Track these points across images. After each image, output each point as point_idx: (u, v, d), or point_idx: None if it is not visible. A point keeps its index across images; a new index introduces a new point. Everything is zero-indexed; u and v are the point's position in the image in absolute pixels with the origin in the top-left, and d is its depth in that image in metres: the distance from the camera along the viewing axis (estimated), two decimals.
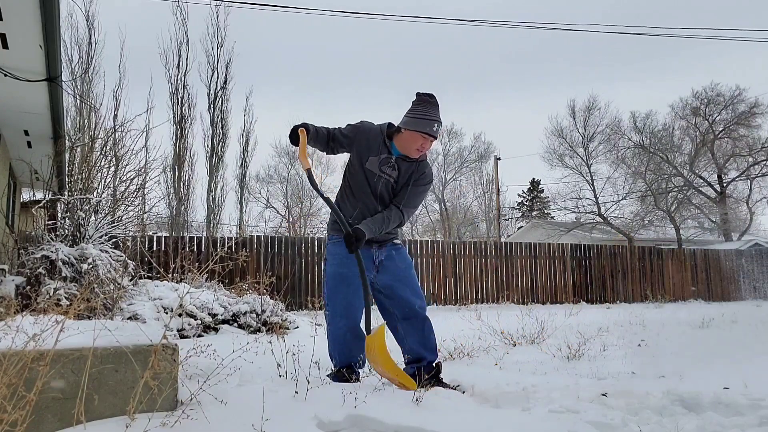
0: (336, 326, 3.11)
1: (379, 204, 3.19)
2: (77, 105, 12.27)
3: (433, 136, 3.12)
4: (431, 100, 3.14)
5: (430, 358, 3.20)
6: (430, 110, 3.10)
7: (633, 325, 7.38)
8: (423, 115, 3.08)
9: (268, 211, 31.24)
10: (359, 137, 3.20)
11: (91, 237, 5.34)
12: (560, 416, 2.49)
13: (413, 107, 3.14)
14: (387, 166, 3.17)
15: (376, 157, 3.16)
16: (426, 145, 3.13)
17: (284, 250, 11.50)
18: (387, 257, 3.24)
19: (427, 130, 3.08)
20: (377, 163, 3.16)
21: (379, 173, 3.17)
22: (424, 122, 3.07)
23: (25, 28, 4.74)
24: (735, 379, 3.24)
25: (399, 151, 3.17)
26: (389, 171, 3.17)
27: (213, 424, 2.02)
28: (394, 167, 3.17)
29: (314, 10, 21.35)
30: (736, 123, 25.91)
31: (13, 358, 1.81)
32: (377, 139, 3.18)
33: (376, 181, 3.17)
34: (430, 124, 3.08)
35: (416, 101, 3.15)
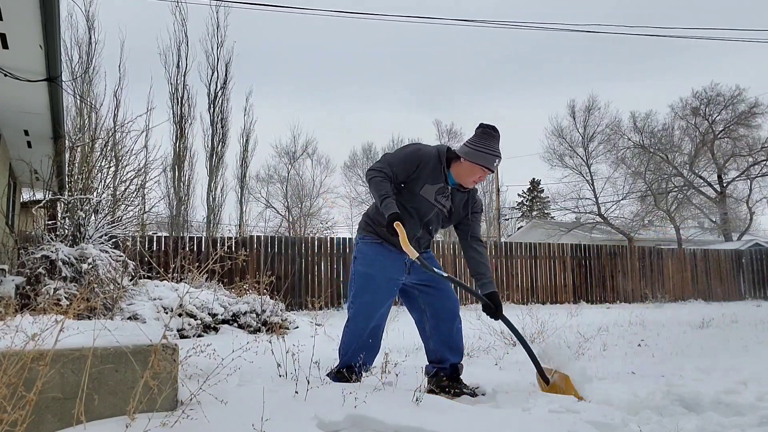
0: (355, 326, 3.10)
1: (422, 229, 3.14)
2: (77, 105, 12.28)
3: (492, 170, 3.10)
4: (494, 133, 3.09)
5: (453, 360, 3.18)
6: (492, 144, 3.06)
7: (633, 325, 7.37)
8: (486, 149, 3.03)
9: (268, 211, 31.23)
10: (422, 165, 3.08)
11: (91, 237, 5.34)
12: (560, 416, 2.49)
13: (476, 138, 3.08)
14: (442, 196, 3.12)
15: (433, 186, 3.09)
16: (483, 177, 3.11)
17: (284, 250, 11.50)
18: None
19: (488, 165, 3.04)
20: (433, 192, 3.10)
21: (434, 202, 3.12)
22: (487, 156, 3.02)
23: (25, 28, 4.74)
24: (735, 379, 3.24)
25: (454, 180, 3.12)
26: (443, 201, 3.13)
27: (213, 424, 2.02)
28: (448, 197, 3.14)
29: (314, 10, 21.36)
30: (736, 123, 25.90)
31: (13, 358, 1.81)
32: (436, 167, 3.09)
33: (428, 210, 3.12)
34: (492, 159, 3.04)
35: (480, 132, 3.09)
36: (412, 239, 3.07)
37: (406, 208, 3.09)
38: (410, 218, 3.10)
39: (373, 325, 3.10)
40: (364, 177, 3.53)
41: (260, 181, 31.40)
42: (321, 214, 31.89)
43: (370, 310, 3.08)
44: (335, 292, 11.69)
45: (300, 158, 31.84)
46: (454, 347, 3.18)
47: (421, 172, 3.07)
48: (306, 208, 30.82)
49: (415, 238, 3.12)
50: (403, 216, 2.98)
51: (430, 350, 3.24)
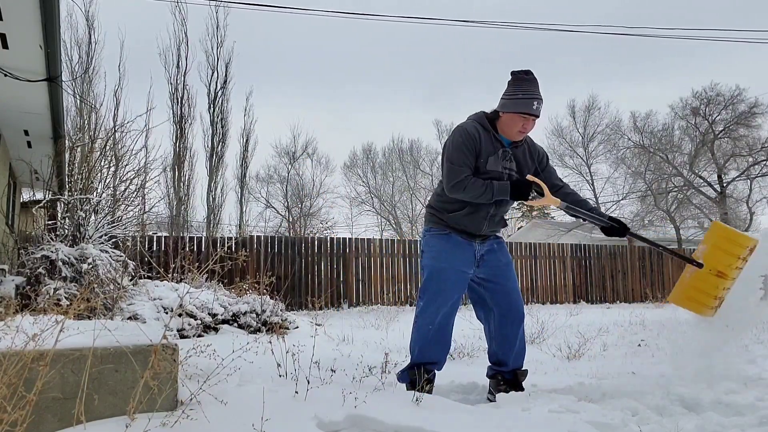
0: (423, 321, 2.97)
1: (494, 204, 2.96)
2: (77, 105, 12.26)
3: (535, 114, 2.86)
4: (527, 76, 2.87)
5: (515, 365, 3.06)
6: (528, 87, 2.84)
7: (633, 325, 7.37)
8: (521, 95, 2.83)
9: (268, 211, 31.24)
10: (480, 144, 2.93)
11: (91, 237, 5.34)
12: (560, 416, 2.49)
13: (509, 88, 2.90)
14: (505, 160, 2.97)
15: (494, 154, 2.93)
16: (528, 125, 2.88)
17: (284, 250, 11.50)
18: (488, 251, 3.06)
19: (527, 110, 2.83)
20: (498, 161, 2.94)
21: (501, 170, 2.95)
22: (523, 102, 2.82)
23: (25, 28, 4.74)
24: (735, 378, 3.24)
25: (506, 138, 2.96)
26: (509, 165, 2.98)
27: (213, 424, 2.02)
28: (510, 159, 2.98)
29: (314, 10, 21.34)
30: (736, 123, 25.89)
31: (13, 358, 1.81)
32: (490, 135, 2.94)
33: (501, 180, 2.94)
34: (530, 103, 2.82)
35: (512, 80, 2.90)
36: (485, 218, 2.97)
37: None
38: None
39: (441, 319, 2.95)
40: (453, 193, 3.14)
41: (260, 181, 31.44)
42: (321, 214, 31.90)
43: (438, 303, 2.94)
44: (335, 292, 11.69)
45: (300, 158, 31.86)
46: (517, 351, 3.05)
47: (483, 149, 2.92)
48: (306, 208, 30.83)
49: (488, 216, 2.98)
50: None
51: (492, 352, 3.12)
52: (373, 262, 12.16)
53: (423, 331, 2.97)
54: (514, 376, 3.04)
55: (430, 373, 2.95)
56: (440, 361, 3.03)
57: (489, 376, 3.14)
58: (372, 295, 11.94)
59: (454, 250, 2.98)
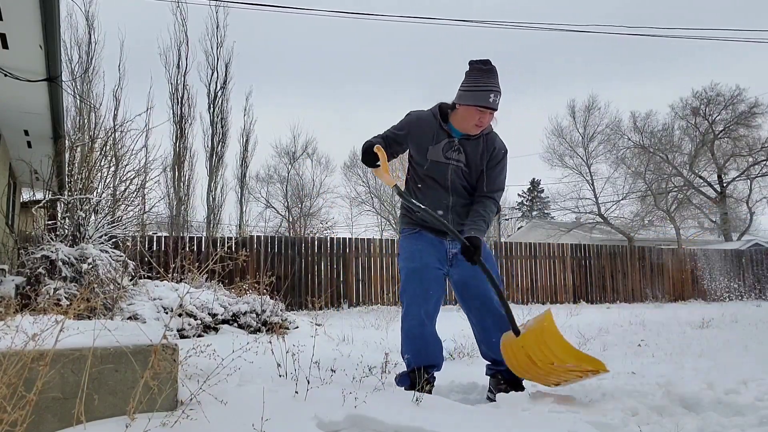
0: (407, 323, 2.92)
1: (452, 194, 2.92)
2: (77, 105, 12.28)
3: (491, 108, 2.74)
4: (485, 66, 2.76)
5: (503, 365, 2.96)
6: (485, 79, 2.73)
7: (633, 325, 7.38)
8: (477, 86, 2.72)
9: (268, 211, 31.24)
10: (413, 130, 2.91)
11: (91, 237, 5.33)
12: (560, 416, 2.49)
13: (466, 78, 2.79)
14: (451, 150, 2.87)
15: (438, 144, 2.86)
16: (485, 119, 2.78)
17: (284, 250, 11.50)
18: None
19: (483, 103, 2.72)
20: (440, 150, 2.87)
21: (445, 161, 2.88)
22: (478, 94, 2.71)
23: (25, 28, 4.74)
24: (735, 379, 3.24)
25: (459, 131, 2.86)
26: (456, 156, 2.88)
27: (213, 424, 2.02)
28: (459, 150, 2.88)
29: (314, 10, 21.34)
30: (736, 123, 25.92)
31: (13, 358, 1.81)
32: (432, 125, 2.88)
33: (445, 170, 2.89)
34: (485, 96, 2.70)
35: (468, 71, 2.79)
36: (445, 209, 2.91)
37: (425, 180, 2.94)
38: (433, 188, 2.93)
39: (428, 320, 2.90)
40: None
41: (260, 181, 31.43)
42: (321, 214, 31.89)
43: (419, 303, 2.89)
44: (335, 292, 11.69)
45: (300, 158, 31.85)
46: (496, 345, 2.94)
47: (419, 136, 2.88)
48: (306, 208, 30.83)
49: (447, 207, 2.92)
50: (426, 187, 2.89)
51: (482, 351, 3.09)
52: (373, 262, 12.16)
53: (410, 334, 2.92)
54: (513, 376, 2.99)
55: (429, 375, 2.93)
56: (437, 363, 3.00)
57: (489, 375, 3.12)
58: (372, 295, 11.94)
59: (426, 249, 2.94)
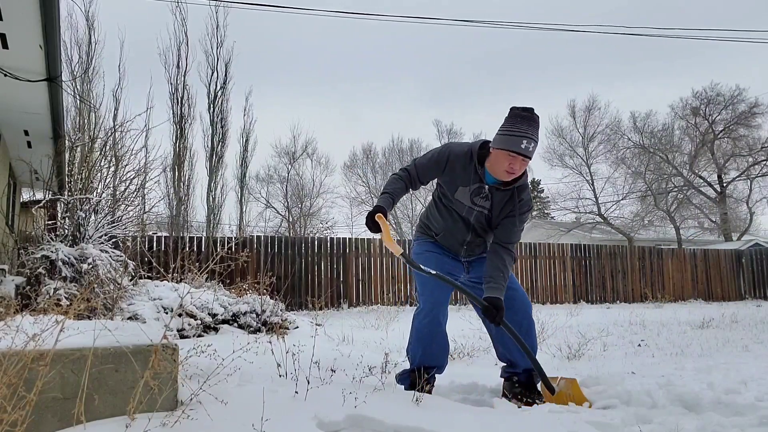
0: (419, 320, 2.96)
1: (470, 233, 2.94)
2: (77, 105, 12.26)
3: (523, 155, 2.68)
4: (523, 113, 2.71)
5: (525, 365, 2.93)
6: (521, 125, 2.68)
7: (633, 325, 7.38)
8: (511, 131, 2.68)
9: (268, 211, 31.23)
10: (451, 167, 2.87)
11: (91, 237, 5.33)
12: (560, 416, 2.49)
13: (504, 123, 2.75)
14: (479, 197, 2.86)
15: (467, 187, 2.85)
16: (515, 165, 2.71)
17: (284, 250, 11.51)
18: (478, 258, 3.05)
19: (514, 149, 2.66)
20: (468, 194, 2.86)
21: (470, 205, 2.88)
22: (511, 139, 2.67)
23: (25, 28, 4.74)
24: (735, 379, 3.24)
25: (492, 176, 2.81)
26: (481, 202, 2.87)
27: (213, 424, 2.02)
28: (487, 197, 2.85)
29: (315, 10, 21.33)
30: (736, 123, 25.92)
31: (13, 358, 1.81)
32: (467, 166, 2.84)
33: (467, 214, 2.91)
34: (518, 141, 2.65)
35: (508, 116, 2.75)
36: (461, 243, 2.97)
37: (449, 210, 2.96)
38: (455, 220, 2.95)
39: (440, 320, 2.93)
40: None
41: (260, 181, 31.42)
42: (321, 214, 31.90)
43: (434, 303, 2.92)
44: (335, 292, 11.70)
45: (300, 158, 31.85)
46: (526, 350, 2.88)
47: (451, 173, 2.86)
48: (306, 208, 30.83)
49: (464, 241, 2.97)
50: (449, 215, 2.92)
51: (498, 352, 3.07)
52: (373, 262, 12.16)
53: (421, 332, 2.96)
54: (528, 378, 2.96)
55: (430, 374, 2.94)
56: (441, 365, 3.03)
57: (503, 377, 3.08)
58: (372, 295, 11.95)
59: (442, 254, 3.02)
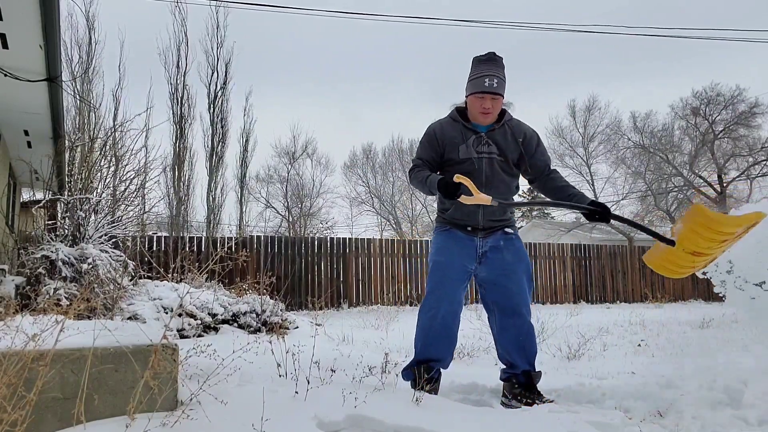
0: (425, 314, 2.95)
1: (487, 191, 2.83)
2: (77, 105, 12.26)
3: (490, 92, 2.78)
4: (483, 57, 2.83)
5: (524, 366, 2.92)
6: (482, 66, 2.80)
7: (633, 325, 7.38)
8: (475, 75, 2.80)
9: (268, 211, 31.22)
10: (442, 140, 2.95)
11: (91, 237, 5.33)
12: (560, 416, 2.49)
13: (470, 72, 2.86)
14: (481, 145, 2.89)
15: (466, 142, 2.90)
16: (486, 104, 2.81)
17: (284, 250, 11.51)
18: (492, 248, 2.96)
19: (479, 89, 2.78)
20: (471, 147, 2.90)
21: (477, 156, 2.89)
22: (476, 81, 2.79)
23: (25, 28, 4.74)
24: (735, 378, 3.24)
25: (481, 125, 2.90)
26: (486, 148, 2.90)
27: (213, 424, 2.02)
28: (488, 143, 2.90)
29: (315, 10, 21.33)
30: (736, 123, 25.91)
31: (13, 358, 1.81)
32: (456, 127, 2.93)
33: (479, 166, 2.88)
34: (482, 81, 2.77)
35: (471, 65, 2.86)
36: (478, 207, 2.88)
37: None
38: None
39: (444, 314, 2.89)
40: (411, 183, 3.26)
41: (260, 181, 31.39)
42: (321, 214, 31.90)
43: (437, 296, 2.91)
44: (335, 292, 11.70)
45: (300, 158, 31.84)
46: (522, 351, 2.92)
47: (448, 142, 2.92)
48: (306, 208, 30.83)
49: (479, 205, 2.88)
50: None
51: (499, 353, 3.06)
52: (373, 262, 12.17)
53: (426, 326, 2.93)
54: (527, 379, 2.92)
55: (432, 371, 2.90)
56: (443, 358, 2.96)
57: (503, 379, 3.05)
58: (372, 295, 11.95)
59: (455, 245, 2.96)
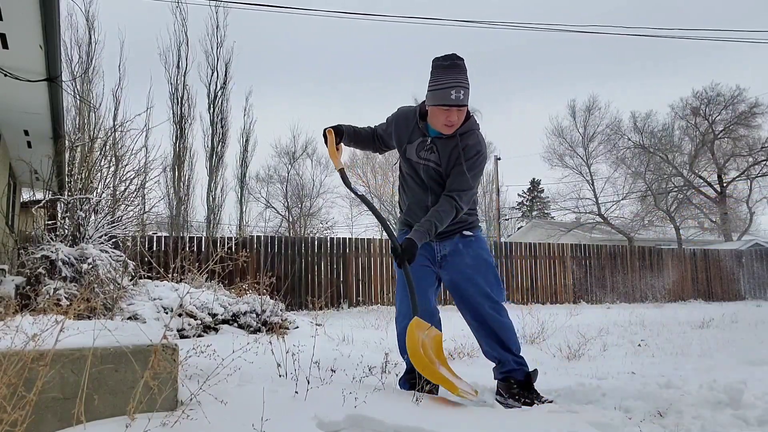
0: (397, 323, 2.92)
1: (430, 195, 2.83)
2: (77, 105, 12.27)
3: (456, 105, 2.59)
4: (445, 62, 2.61)
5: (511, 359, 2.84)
6: (446, 75, 2.58)
7: (633, 325, 7.38)
8: (439, 85, 2.60)
9: (268, 211, 31.21)
10: (395, 128, 2.88)
11: (91, 237, 5.33)
12: (560, 416, 2.49)
13: (430, 78, 2.65)
14: (424, 150, 2.79)
15: (413, 144, 2.82)
16: (452, 117, 2.63)
17: (284, 250, 11.51)
18: (452, 252, 2.90)
19: (446, 102, 2.58)
20: (414, 149, 2.82)
21: (417, 160, 2.81)
22: (440, 93, 2.59)
23: (25, 28, 4.74)
24: (735, 378, 3.24)
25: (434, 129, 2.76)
26: (427, 155, 2.79)
27: (213, 424, 2.02)
28: (432, 149, 2.77)
29: (315, 10, 21.34)
30: (736, 123, 25.93)
31: (13, 358, 1.81)
32: (411, 123, 2.83)
33: (418, 170, 2.82)
34: (447, 93, 2.57)
35: (432, 69, 2.65)
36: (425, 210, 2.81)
37: (407, 179, 2.92)
38: (413, 188, 2.90)
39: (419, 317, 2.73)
40: None
41: (260, 181, 31.39)
42: (321, 214, 31.88)
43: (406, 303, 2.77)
44: (335, 292, 11.70)
45: (300, 158, 31.84)
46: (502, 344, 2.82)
47: (398, 131, 2.87)
48: (306, 208, 30.81)
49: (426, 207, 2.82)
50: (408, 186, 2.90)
51: (484, 352, 2.98)
52: (373, 262, 12.17)
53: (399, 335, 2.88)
54: (526, 377, 2.84)
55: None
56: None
57: (498, 378, 2.94)
58: (372, 295, 11.95)
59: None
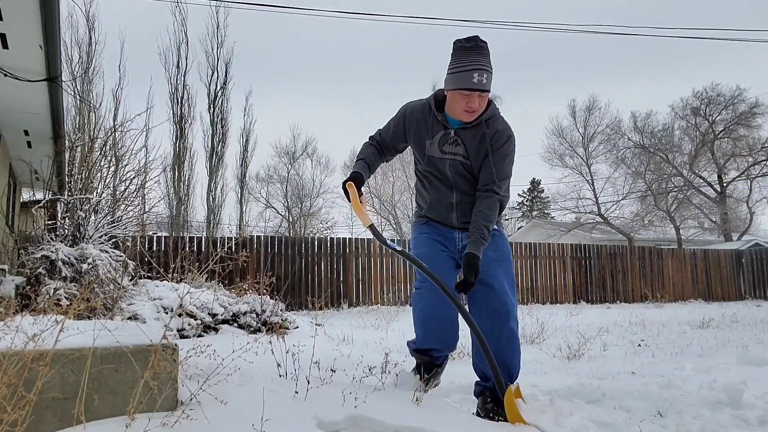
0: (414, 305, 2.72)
1: (456, 192, 2.65)
2: (77, 105, 12.27)
3: (479, 89, 2.40)
4: (467, 44, 2.43)
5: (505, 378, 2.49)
6: (469, 58, 2.40)
7: (633, 325, 7.38)
8: (460, 67, 2.40)
9: (268, 211, 31.20)
10: (409, 125, 2.67)
11: (91, 237, 5.33)
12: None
13: (451, 61, 2.47)
14: (448, 144, 2.59)
15: (433, 139, 2.61)
16: (473, 102, 2.43)
17: (284, 250, 11.51)
18: None
19: (467, 85, 2.39)
20: (437, 144, 2.60)
21: (441, 156, 2.61)
22: (461, 75, 2.40)
23: (25, 28, 4.74)
24: (735, 378, 3.24)
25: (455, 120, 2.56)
26: (452, 149, 2.59)
27: (213, 424, 2.02)
28: (456, 142, 2.58)
29: (315, 10, 21.35)
30: (736, 123, 25.92)
31: (13, 358, 1.81)
32: (427, 117, 2.62)
33: (443, 166, 2.62)
34: (469, 76, 2.38)
35: (453, 52, 2.47)
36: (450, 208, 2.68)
37: (428, 177, 2.71)
38: (436, 186, 2.69)
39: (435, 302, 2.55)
40: None
41: (260, 181, 31.38)
42: (321, 214, 31.87)
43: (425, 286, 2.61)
44: (335, 292, 11.70)
45: (300, 158, 31.85)
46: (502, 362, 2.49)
47: (414, 129, 2.66)
48: (306, 208, 30.82)
49: (451, 205, 2.67)
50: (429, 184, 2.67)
51: (474, 362, 2.70)
52: (373, 262, 12.17)
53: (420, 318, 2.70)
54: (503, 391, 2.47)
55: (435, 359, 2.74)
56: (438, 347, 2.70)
57: (476, 394, 2.68)
58: (372, 295, 11.95)
59: (433, 233, 2.76)
